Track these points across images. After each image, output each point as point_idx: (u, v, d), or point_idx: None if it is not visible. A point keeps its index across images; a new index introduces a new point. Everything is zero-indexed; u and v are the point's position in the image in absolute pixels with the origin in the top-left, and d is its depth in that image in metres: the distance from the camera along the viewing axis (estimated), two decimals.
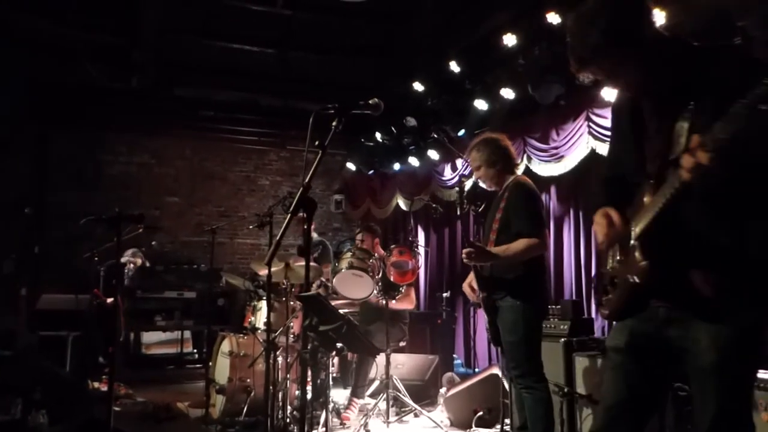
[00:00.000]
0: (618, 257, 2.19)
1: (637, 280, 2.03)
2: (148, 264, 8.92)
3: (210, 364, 5.97)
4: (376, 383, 5.92)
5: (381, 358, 5.39)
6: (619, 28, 1.98)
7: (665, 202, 1.94)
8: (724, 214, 1.93)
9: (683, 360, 2.03)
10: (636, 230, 2.07)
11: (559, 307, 5.12)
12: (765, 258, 1.91)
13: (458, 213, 4.23)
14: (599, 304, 2.33)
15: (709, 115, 1.75)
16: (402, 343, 6.19)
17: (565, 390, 4.36)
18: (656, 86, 2.09)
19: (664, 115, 2.03)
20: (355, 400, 5.68)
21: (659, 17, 4.85)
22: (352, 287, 5.39)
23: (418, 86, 7.84)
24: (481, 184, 4.19)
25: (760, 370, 3.71)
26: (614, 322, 2.32)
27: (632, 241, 2.08)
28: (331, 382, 4.63)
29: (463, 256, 3.74)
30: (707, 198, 1.90)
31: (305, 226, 2.59)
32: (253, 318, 5.68)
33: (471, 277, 4.05)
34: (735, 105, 1.64)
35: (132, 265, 8.62)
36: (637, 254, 2.04)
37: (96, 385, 6.65)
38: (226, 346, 5.72)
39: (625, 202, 2.18)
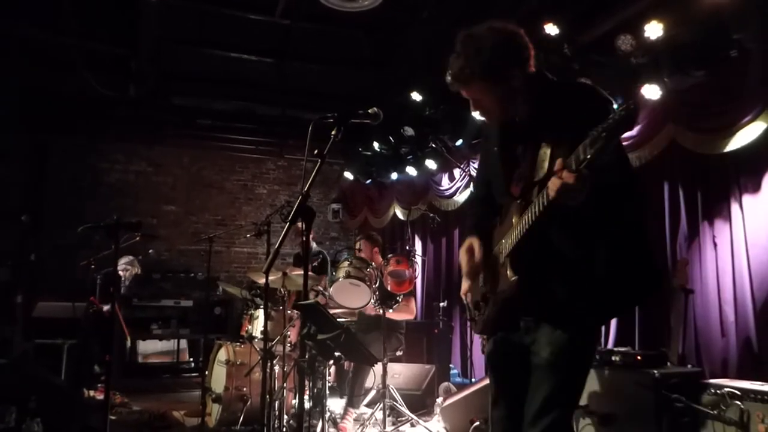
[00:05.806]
0: (483, 281, 2.46)
1: (507, 294, 2.27)
2: (140, 272, 8.87)
3: (206, 372, 5.96)
4: (373, 393, 5.92)
5: (378, 368, 5.38)
6: (494, 64, 2.22)
7: (531, 222, 2.13)
8: (577, 237, 2.16)
9: (528, 361, 2.29)
10: (506, 248, 2.28)
11: None
12: (604, 277, 2.14)
13: None
14: (472, 320, 2.61)
15: (566, 143, 1.97)
16: (399, 353, 6.19)
17: None
18: (518, 116, 2.34)
19: (528, 141, 2.27)
20: (351, 410, 5.66)
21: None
22: (349, 296, 5.40)
23: (416, 96, 7.83)
24: None
25: (753, 382, 3.75)
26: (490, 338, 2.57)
27: (502, 259, 2.30)
28: (327, 392, 4.62)
29: None
30: (564, 221, 2.12)
31: (303, 238, 2.60)
32: (249, 326, 5.67)
33: (466, 286, 4.02)
34: (592, 130, 1.82)
35: (127, 273, 8.58)
36: (507, 271, 2.25)
37: (92, 393, 6.63)
38: (222, 354, 5.72)
39: (492, 220, 2.45)
